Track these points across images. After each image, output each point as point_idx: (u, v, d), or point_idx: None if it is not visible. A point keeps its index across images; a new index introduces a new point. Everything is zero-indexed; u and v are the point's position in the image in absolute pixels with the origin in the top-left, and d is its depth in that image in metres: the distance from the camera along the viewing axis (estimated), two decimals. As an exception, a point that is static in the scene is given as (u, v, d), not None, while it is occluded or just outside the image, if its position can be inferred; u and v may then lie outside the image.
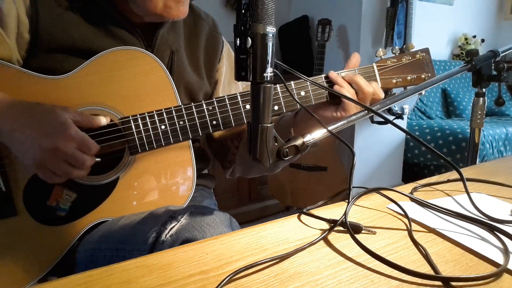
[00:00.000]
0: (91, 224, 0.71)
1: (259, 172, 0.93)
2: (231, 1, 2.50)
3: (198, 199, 0.88)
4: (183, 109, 0.72)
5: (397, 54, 0.83)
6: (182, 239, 0.58)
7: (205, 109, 0.73)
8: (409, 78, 0.83)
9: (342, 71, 0.78)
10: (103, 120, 0.68)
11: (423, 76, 0.83)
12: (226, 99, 0.74)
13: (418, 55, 0.83)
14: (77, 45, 0.72)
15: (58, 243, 0.69)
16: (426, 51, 0.84)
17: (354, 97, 0.75)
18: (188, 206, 0.66)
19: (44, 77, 0.68)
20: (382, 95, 0.77)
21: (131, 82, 0.72)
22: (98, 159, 0.68)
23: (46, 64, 0.70)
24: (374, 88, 0.76)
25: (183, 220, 0.61)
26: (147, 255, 0.48)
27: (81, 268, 0.69)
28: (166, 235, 0.59)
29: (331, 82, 0.77)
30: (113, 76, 0.72)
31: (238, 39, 0.46)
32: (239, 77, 0.47)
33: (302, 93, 0.76)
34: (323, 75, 0.78)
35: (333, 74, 0.77)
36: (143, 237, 0.62)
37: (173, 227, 0.60)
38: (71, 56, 0.71)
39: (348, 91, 0.75)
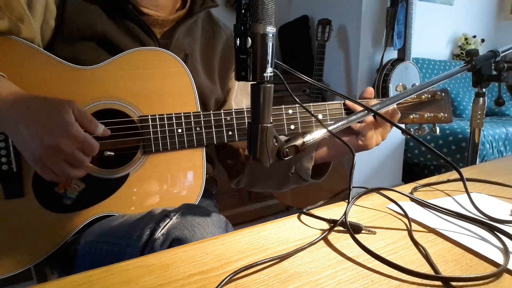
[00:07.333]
0: (95, 217, 0.71)
1: (264, 187, 0.93)
2: (231, 1, 2.50)
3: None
4: (201, 115, 0.74)
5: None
6: (172, 238, 0.59)
7: (223, 119, 0.75)
8: (426, 116, 0.85)
9: (363, 100, 0.77)
10: (101, 129, 0.66)
11: (440, 115, 0.85)
12: (245, 111, 0.75)
13: (437, 95, 0.85)
14: (98, 37, 0.74)
15: (60, 230, 0.70)
16: (445, 91, 0.86)
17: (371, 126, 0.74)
18: (182, 205, 0.66)
19: (71, 65, 0.70)
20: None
21: (156, 83, 0.73)
22: (111, 153, 0.69)
23: (66, 54, 0.71)
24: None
25: (175, 218, 0.62)
26: (147, 255, 0.48)
27: (80, 259, 0.70)
28: (158, 233, 0.60)
29: (349, 109, 0.78)
30: (139, 74, 0.73)
31: (238, 39, 0.46)
32: (239, 77, 0.47)
33: (320, 116, 0.78)
34: (342, 102, 0.78)
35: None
36: (138, 234, 0.62)
37: (165, 225, 0.61)
38: (91, 47, 0.73)
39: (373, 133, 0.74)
